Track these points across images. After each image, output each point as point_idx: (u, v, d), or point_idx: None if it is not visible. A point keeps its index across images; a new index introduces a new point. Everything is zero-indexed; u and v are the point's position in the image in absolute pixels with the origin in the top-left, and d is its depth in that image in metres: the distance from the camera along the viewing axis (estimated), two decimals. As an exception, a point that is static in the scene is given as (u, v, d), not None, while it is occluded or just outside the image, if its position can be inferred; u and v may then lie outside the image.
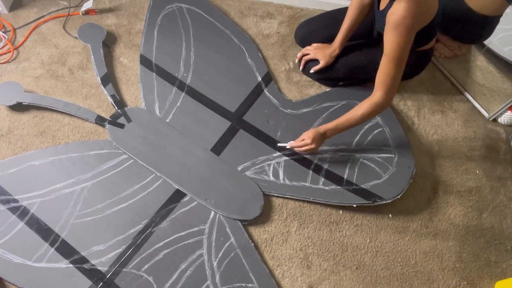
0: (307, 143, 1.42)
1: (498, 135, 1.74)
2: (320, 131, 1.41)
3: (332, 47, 1.60)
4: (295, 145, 1.46)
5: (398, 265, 1.42)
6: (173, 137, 1.53)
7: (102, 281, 1.26)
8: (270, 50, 1.83)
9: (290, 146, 1.49)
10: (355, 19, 1.53)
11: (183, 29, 1.79)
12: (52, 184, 1.39)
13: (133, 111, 1.57)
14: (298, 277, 1.36)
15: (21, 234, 1.30)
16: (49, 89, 1.63)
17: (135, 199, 1.40)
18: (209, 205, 1.41)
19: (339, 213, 1.48)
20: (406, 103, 1.76)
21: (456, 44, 1.82)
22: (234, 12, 1.93)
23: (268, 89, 1.68)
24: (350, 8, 1.53)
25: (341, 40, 1.58)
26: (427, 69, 1.86)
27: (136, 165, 1.46)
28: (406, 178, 1.51)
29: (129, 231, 1.34)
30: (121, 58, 1.74)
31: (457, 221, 1.52)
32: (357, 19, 1.53)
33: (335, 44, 1.60)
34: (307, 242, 1.42)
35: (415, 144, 1.65)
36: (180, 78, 1.67)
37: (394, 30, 1.21)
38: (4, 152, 1.47)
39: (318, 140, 1.42)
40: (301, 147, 1.44)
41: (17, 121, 1.54)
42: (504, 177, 1.63)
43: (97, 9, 1.86)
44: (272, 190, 1.46)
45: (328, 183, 1.48)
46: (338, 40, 1.59)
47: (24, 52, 1.71)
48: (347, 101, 1.67)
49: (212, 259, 1.33)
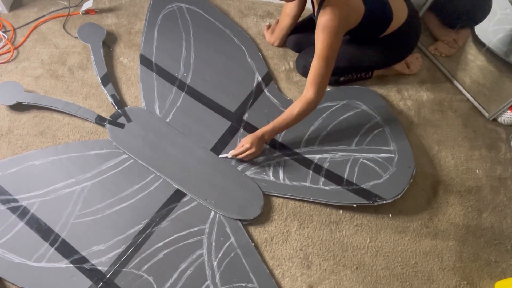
0: (247, 147, 1.44)
1: (498, 135, 1.74)
2: (258, 135, 1.44)
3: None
4: (236, 153, 1.47)
5: (398, 265, 1.42)
6: (173, 137, 1.53)
7: (102, 281, 1.26)
8: (270, 50, 1.83)
9: (232, 155, 1.48)
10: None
11: (183, 28, 1.79)
12: (52, 184, 1.39)
13: (133, 111, 1.57)
14: (298, 277, 1.36)
15: (21, 234, 1.30)
16: (49, 89, 1.62)
17: (135, 199, 1.40)
18: (209, 205, 1.41)
19: (339, 213, 1.48)
20: (406, 103, 1.76)
21: (451, 37, 1.83)
22: (234, 11, 1.93)
23: (268, 89, 1.68)
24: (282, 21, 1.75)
25: None
26: (427, 69, 1.87)
27: (136, 165, 1.46)
28: (406, 178, 1.51)
29: (129, 231, 1.34)
30: (121, 58, 1.74)
31: (457, 221, 1.52)
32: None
33: None
34: (307, 242, 1.42)
35: (415, 144, 1.65)
36: (180, 78, 1.66)
37: (322, 32, 1.33)
38: (4, 152, 1.47)
39: (257, 143, 1.44)
40: (242, 153, 1.45)
41: (17, 121, 1.54)
42: (504, 177, 1.63)
43: (97, 9, 1.86)
44: (272, 190, 1.46)
45: (328, 183, 1.48)
46: None
47: (24, 52, 1.71)
48: (347, 101, 1.67)
49: (212, 259, 1.33)
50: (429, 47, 1.90)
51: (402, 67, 1.79)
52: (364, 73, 1.75)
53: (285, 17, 1.74)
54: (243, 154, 1.46)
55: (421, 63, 1.85)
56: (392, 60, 1.72)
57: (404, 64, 1.80)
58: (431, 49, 1.89)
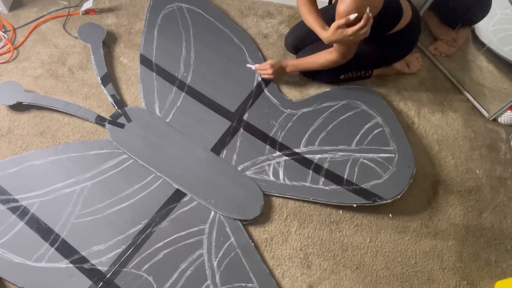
0: (266, 67, 1.62)
1: (498, 135, 1.74)
2: (281, 63, 1.62)
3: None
4: (258, 67, 1.67)
5: (398, 265, 1.42)
6: (173, 137, 1.53)
7: (102, 280, 1.26)
8: (270, 50, 1.83)
9: (255, 68, 1.68)
10: None
11: (183, 28, 1.79)
12: (52, 184, 1.39)
13: (133, 111, 1.57)
14: (298, 277, 1.36)
15: (21, 234, 1.30)
16: (49, 88, 1.63)
17: (135, 199, 1.40)
18: (209, 205, 1.41)
19: (339, 213, 1.48)
20: (406, 103, 1.76)
21: (451, 37, 1.83)
22: (234, 11, 1.93)
23: (268, 89, 1.68)
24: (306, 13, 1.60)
25: None
26: (427, 69, 1.87)
27: (136, 165, 1.46)
28: (406, 178, 1.51)
29: (129, 231, 1.34)
30: (121, 58, 1.74)
31: (457, 221, 1.52)
32: None
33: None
34: (307, 242, 1.42)
35: (415, 144, 1.65)
36: (180, 78, 1.67)
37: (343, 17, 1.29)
38: (4, 152, 1.47)
39: (277, 69, 1.62)
40: (262, 70, 1.64)
41: (17, 121, 1.54)
42: (504, 177, 1.63)
43: (97, 9, 1.86)
44: (272, 190, 1.46)
45: (328, 183, 1.48)
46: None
47: (24, 52, 1.71)
48: (347, 101, 1.67)
49: (212, 259, 1.33)
50: (429, 47, 1.90)
51: (402, 66, 1.79)
52: (364, 72, 1.75)
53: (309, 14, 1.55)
54: (262, 71, 1.65)
55: (421, 62, 1.85)
56: (392, 59, 1.72)
57: (404, 63, 1.79)
58: (431, 48, 1.89)
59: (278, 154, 1.53)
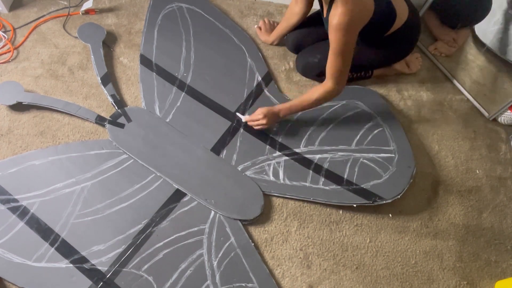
0: (259, 118, 1.50)
1: (498, 135, 1.74)
2: (274, 110, 1.50)
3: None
4: (249, 119, 1.54)
5: (398, 265, 1.42)
6: (173, 137, 1.52)
7: (102, 280, 1.26)
8: (270, 50, 1.83)
9: (245, 120, 1.55)
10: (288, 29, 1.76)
11: (183, 28, 1.79)
12: (52, 184, 1.39)
13: (133, 110, 1.57)
14: (298, 277, 1.36)
15: (21, 234, 1.30)
16: (49, 88, 1.62)
17: (135, 199, 1.40)
18: (209, 205, 1.41)
19: (339, 213, 1.48)
20: (406, 103, 1.76)
21: (451, 37, 1.83)
22: (234, 11, 1.93)
23: (268, 89, 1.68)
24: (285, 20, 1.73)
25: None
26: (427, 69, 1.87)
27: (136, 165, 1.46)
28: (406, 178, 1.51)
29: (129, 231, 1.34)
30: (121, 58, 1.74)
31: (457, 221, 1.52)
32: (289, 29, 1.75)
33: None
34: (307, 242, 1.42)
35: (415, 144, 1.65)
36: (180, 77, 1.66)
37: (336, 31, 1.31)
38: (4, 152, 1.47)
39: (270, 117, 1.50)
40: (254, 122, 1.52)
41: (17, 121, 1.54)
42: (504, 177, 1.63)
43: (97, 9, 1.86)
44: (272, 190, 1.46)
45: (328, 183, 1.48)
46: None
47: (24, 52, 1.71)
48: (347, 101, 1.67)
49: (212, 259, 1.33)
50: (429, 47, 1.90)
51: (402, 67, 1.79)
52: (364, 72, 1.75)
53: (292, 16, 1.70)
54: (254, 123, 1.52)
55: (421, 62, 1.85)
56: (392, 59, 1.72)
57: (404, 64, 1.79)
58: (431, 49, 1.89)
59: (278, 154, 1.53)
